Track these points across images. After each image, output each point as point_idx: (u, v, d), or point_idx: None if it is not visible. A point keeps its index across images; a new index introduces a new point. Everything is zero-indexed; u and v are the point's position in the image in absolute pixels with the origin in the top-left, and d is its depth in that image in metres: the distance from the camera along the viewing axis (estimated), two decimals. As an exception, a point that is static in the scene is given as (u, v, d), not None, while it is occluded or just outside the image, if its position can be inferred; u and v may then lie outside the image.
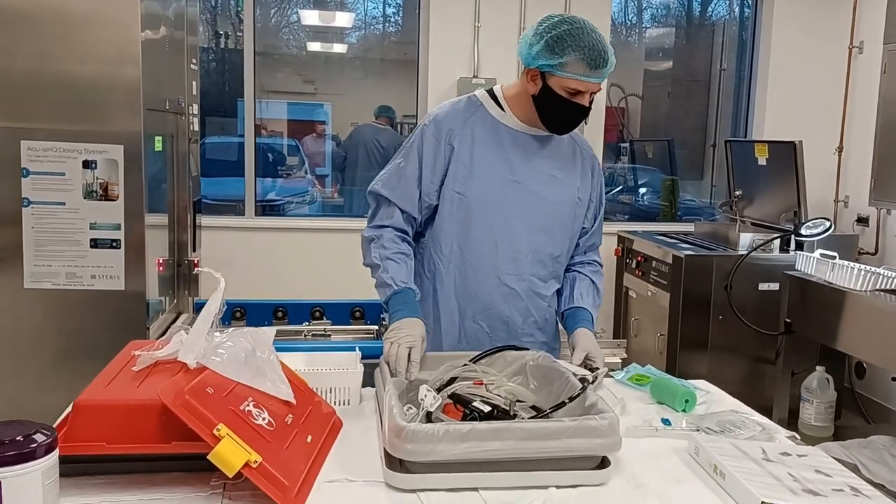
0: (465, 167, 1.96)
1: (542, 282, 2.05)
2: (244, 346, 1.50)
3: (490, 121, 2.00)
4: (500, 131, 1.99)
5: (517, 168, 1.98)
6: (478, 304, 2.00)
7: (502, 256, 1.98)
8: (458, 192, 1.96)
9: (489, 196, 1.96)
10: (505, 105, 2.01)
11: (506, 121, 2.00)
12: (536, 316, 2.06)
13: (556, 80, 1.86)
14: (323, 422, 1.57)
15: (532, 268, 2.01)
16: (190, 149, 3.09)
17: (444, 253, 2.00)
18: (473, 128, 1.98)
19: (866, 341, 3.20)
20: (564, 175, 2.04)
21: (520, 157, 1.99)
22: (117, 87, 2.43)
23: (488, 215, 1.96)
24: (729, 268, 3.87)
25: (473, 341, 2.01)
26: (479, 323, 2.02)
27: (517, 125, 2.00)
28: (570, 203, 2.05)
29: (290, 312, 3.10)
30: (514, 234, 1.98)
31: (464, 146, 1.96)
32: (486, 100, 2.03)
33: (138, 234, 2.47)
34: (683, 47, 6.39)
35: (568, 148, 2.07)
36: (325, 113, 6.88)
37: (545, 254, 2.03)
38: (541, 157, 2.01)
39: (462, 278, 2.00)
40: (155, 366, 1.46)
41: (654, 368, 2.08)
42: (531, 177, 1.99)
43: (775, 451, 1.53)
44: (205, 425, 1.26)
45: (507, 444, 1.37)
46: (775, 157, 4.20)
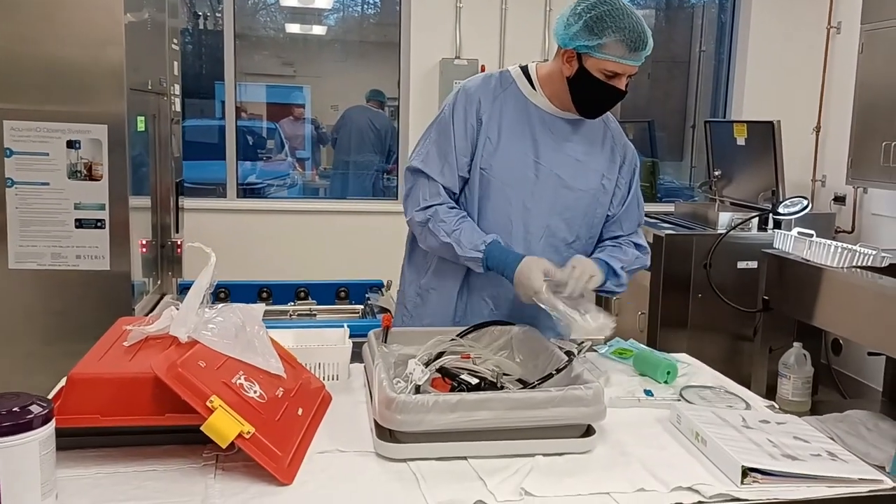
0: (491, 143, 1.94)
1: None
2: (234, 321, 1.52)
3: (521, 99, 1.97)
4: (530, 110, 1.97)
5: (542, 149, 1.96)
6: (485, 280, 1.98)
7: (515, 236, 1.96)
8: (481, 167, 1.94)
9: (510, 174, 1.94)
10: (537, 84, 1.98)
11: (536, 101, 1.97)
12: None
13: (594, 62, 1.82)
14: (313, 396, 1.59)
15: (544, 252, 1.96)
16: (172, 130, 3.09)
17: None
18: (503, 104, 1.95)
19: (843, 317, 3.25)
20: (591, 160, 2.00)
21: (547, 139, 1.96)
22: (101, 68, 2.42)
23: (506, 193, 1.95)
24: (708, 247, 3.92)
25: (477, 316, 1.98)
26: (484, 299, 2.02)
27: (547, 106, 1.97)
28: (592, 190, 2.00)
29: (274, 293, 3.13)
30: (530, 216, 1.96)
31: (492, 122, 1.94)
32: (518, 77, 2.00)
33: (123, 215, 2.47)
34: (663, 29, 6.40)
35: (598, 133, 2.03)
36: (303, 96, 6.84)
37: (559, 239, 2.00)
38: (568, 141, 1.98)
39: None
40: (146, 341, 1.47)
41: (636, 342, 2.12)
42: (555, 160, 1.96)
43: (755, 419, 1.58)
44: (198, 397, 1.28)
45: (495, 413, 1.40)
46: (754, 137, 4.25)
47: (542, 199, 1.97)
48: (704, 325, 4.02)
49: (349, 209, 4.89)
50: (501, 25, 4.68)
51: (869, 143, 3.86)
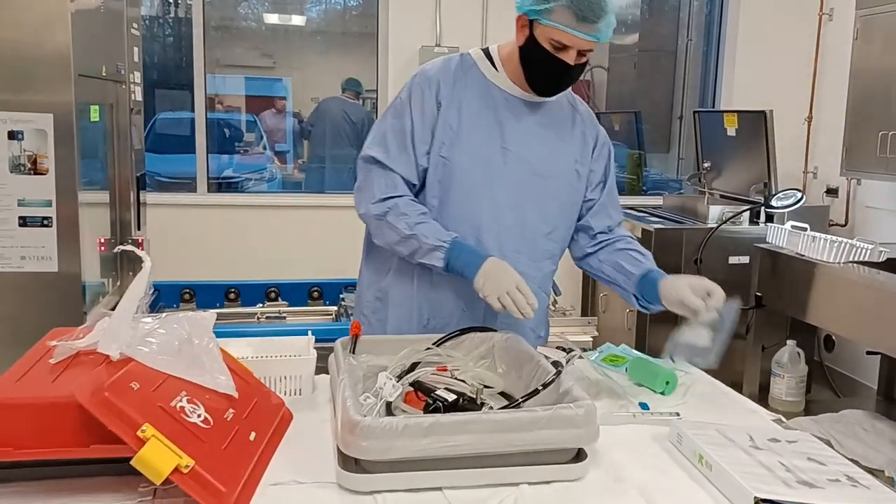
0: (451, 130, 1.78)
1: (530, 259, 1.85)
2: (178, 333, 1.34)
3: (483, 81, 1.82)
4: (493, 92, 1.82)
5: (509, 134, 1.81)
6: (454, 278, 1.80)
7: (484, 230, 1.80)
8: (442, 155, 1.78)
9: (475, 162, 1.79)
10: (499, 64, 1.83)
11: (498, 82, 1.82)
12: None
13: (542, 30, 1.68)
14: (270, 415, 1.42)
15: (517, 243, 1.83)
16: (132, 120, 2.89)
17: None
18: (465, 88, 1.80)
19: (839, 315, 3.12)
20: (561, 144, 1.86)
21: (513, 123, 1.81)
22: (46, 53, 2.21)
23: (471, 183, 1.79)
24: (698, 241, 3.78)
25: (447, 319, 1.83)
26: (453, 298, 1.84)
27: (511, 88, 1.82)
28: (565, 175, 1.87)
29: (242, 294, 2.95)
30: (499, 206, 1.81)
31: (452, 107, 1.78)
32: (480, 59, 1.85)
33: (71, 211, 2.27)
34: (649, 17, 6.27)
35: (567, 115, 1.89)
36: (284, 88, 6.67)
37: (533, 229, 1.85)
38: (536, 124, 1.84)
39: None
40: (76, 357, 1.29)
41: (629, 348, 1.96)
42: (524, 144, 1.81)
43: (763, 438, 1.42)
44: (127, 426, 1.10)
45: (474, 437, 1.24)
46: (745, 128, 4.11)
47: (512, 187, 1.81)
48: (695, 323, 3.87)
49: (325, 203, 4.69)
50: (483, 12, 4.50)
51: (864, 134, 3.72)
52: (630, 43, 6.51)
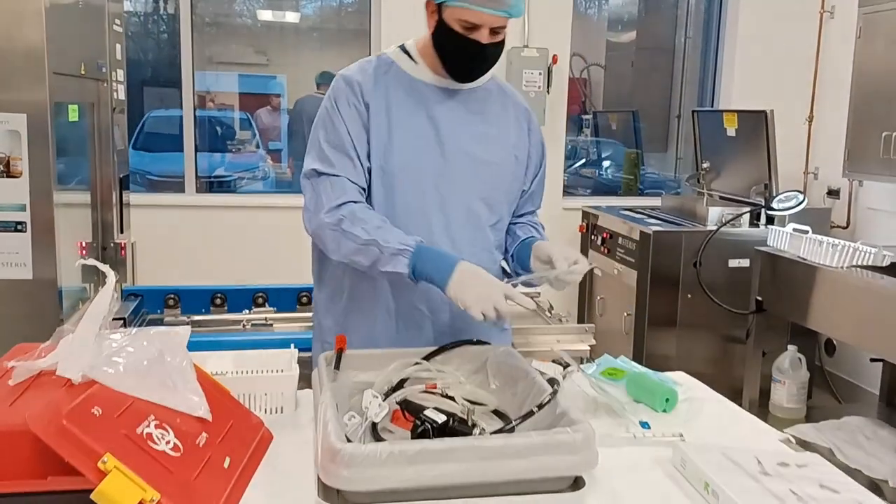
0: (382, 135, 1.70)
1: (484, 252, 1.79)
2: (149, 351, 1.25)
3: (405, 78, 1.75)
4: (419, 88, 1.74)
5: (443, 127, 1.74)
6: (415, 290, 1.72)
7: (435, 229, 1.73)
8: (379, 164, 1.70)
9: (413, 161, 1.71)
10: (417, 57, 1.76)
11: (421, 75, 1.75)
12: None
13: (451, 12, 1.62)
14: (247, 438, 1.33)
15: (470, 239, 1.76)
16: (115, 119, 2.79)
17: None
18: (388, 87, 1.73)
19: (842, 320, 3.05)
20: (497, 131, 1.81)
21: (445, 115, 1.74)
22: (18, 50, 2.12)
23: (414, 183, 1.71)
24: (698, 244, 3.70)
25: (414, 328, 1.75)
26: (418, 308, 1.76)
27: (434, 79, 1.75)
28: (505, 162, 1.81)
29: (229, 299, 2.86)
30: (447, 203, 1.74)
31: (379, 108, 1.71)
32: (397, 56, 1.78)
33: (47, 215, 2.17)
34: (647, 15, 6.18)
35: (499, 101, 1.83)
36: (278, 85, 6.57)
37: (482, 221, 1.79)
38: (469, 113, 1.77)
39: None
40: (38, 377, 1.20)
41: (628, 360, 1.86)
42: (461, 136, 1.75)
43: (772, 462, 1.33)
44: (86, 457, 1.01)
45: (464, 465, 1.15)
46: (745, 128, 4.03)
47: (456, 181, 1.74)
48: (694, 327, 3.81)
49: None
50: (478, 9, 4.41)
51: (867, 134, 3.65)
52: (627, 41, 6.42)
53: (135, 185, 5.26)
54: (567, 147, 4.99)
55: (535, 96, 4.40)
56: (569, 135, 5.07)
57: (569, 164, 5.46)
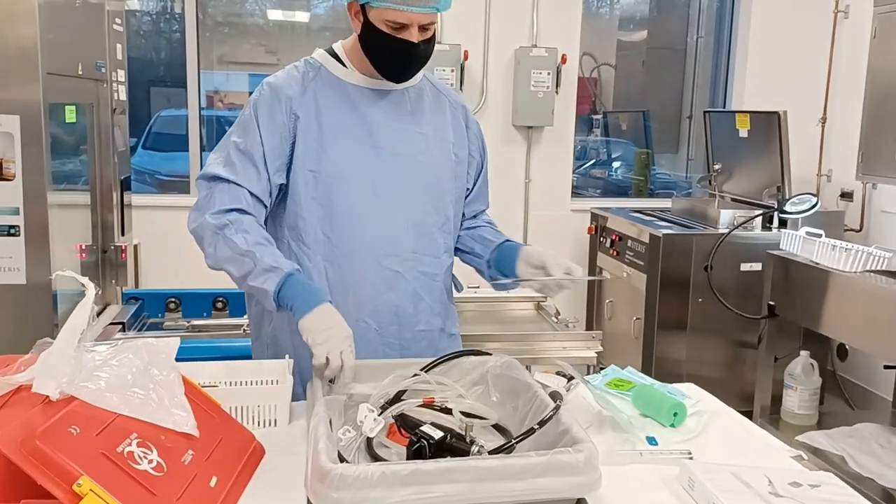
0: (314, 140, 1.65)
1: (430, 257, 1.75)
2: (134, 364, 1.21)
3: (335, 82, 1.70)
4: (349, 91, 1.70)
5: (377, 130, 1.69)
6: (360, 298, 1.69)
7: (377, 235, 1.68)
8: (310, 170, 1.65)
9: (349, 168, 1.66)
10: (346, 60, 1.72)
11: (352, 79, 1.71)
12: (428, 299, 1.76)
13: (376, 13, 1.58)
14: (237, 454, 1.28)
15: (415, 243, 1.72)
16: (115, 120, 2.75)
17: (308, 243, 1.68)
18: (317, 93, 1.68)
19: (855, 326, 2.99)
20: (434, 130, 1.76)
21: (379, 117, 1.70)
22: (10, 50, 2.07)
23: (352, 191, 1.67)
24: (709, 247, 3.64)
25: (361, 342, 1.64)
26: (364, 321, 1.70)
27: (364, 81, 1.71)
28: (445, 162, 1.77)
29: (231, 303, 2.81)
30: (387, 208, 1.69)
31: (309, 116, 1.66)
32: (325, 59, 1.73)
33: (40, 219, 2.13)
34: (658, 14, 6.10)
35: (433, 99, 1.79)
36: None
37: (428, 224, 1.74)
38: (403, 114, 1.73)
39: (335, 271, 1.68)
40: (17, 392, 1.16)
41: (635, 371, 1.81)
42: (396, 138, 1.71)
43: (783, 482, 1.27)
44: (61, 479, 0.97)
45: (460, 487, 1.10)
46: (757, 129, 3.96)
47: (396, 184, 1.70)
48: (705, 332, 3.74)
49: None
50: (486, 8, 4.36)
51: (881, 136, 3.57)
52: (638, 40, 6.35)
53: (144, 185, 5.26)
54: (576, 147, 4.93)
55: (544, 96, 4.34)
56: (578, 135, 5.01)
57: (578, 165, 5.40)
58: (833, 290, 3.02)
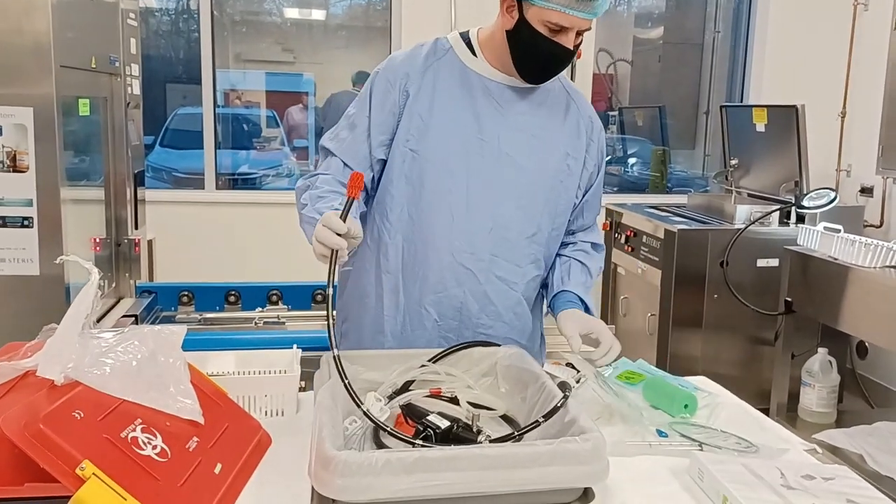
0: (421, 119, 1.62)
1: (510, 264, 1.69)
2: (140, 350, 1.20)
3: (458, 66, 1.66)
4: (471, 79, 1.65)
5: (487, 124, 1.64)
6: (426, 285, 1.66)
7: (457, 229, 1.64)
8: (411, 148, 1.62)
9: (447, 155, 1.63)
10: (478, 49, 1.67)
11: (477, 67, 1.66)
12: (498, 305, 1.70)
13: (536, 12, 1.51)
14: (242, 442, 1.28)
15: (494, 246, 1.66)
16: (129, 114, 2.76)
17: (391, 220, 1.66)
18: (437, 74, 1.64)
19: (875, 323, 2.94)
20: (549, 135, 1.69)
21: (492, 111, 1.65)
22: (24, 43, 2.07)
23: (445, 178, 1.63)
24: (725, 243, 3.59)
25: (419, 329, 1.68)
26: (426, 308, 1.68)
27: (491, 73, 1.66)
28: (553, 171, 1.69)
29: (243, 296, 2.82)
30: (474, 204, 1.64)
31: (423, 95, 1.63)
32: (456, 42, 1.69)
33: (54, 211, 2.13)
34: (675, 9, 6.06)
35: (559, 103, 1.72)
36: (305, 83, 6.56)
37: (514, 231, 1.68)
38: (520, 113, 1.67)
39: (410, 252, 1.66)
40: (24, 378, 1.16)
41: (646, 363, 1.79)
42: (504, 135, 1.65)
43: (796, 475, 1.25)
44: (64, 463, 0.97)
45: (466, 475, 1.09)
46: (775, 123, 3.91)
47: (489, 182, 1.64)
48: (721, 328, 3.69)
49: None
50: (500, 3, 4.34)
51: (903, 130, 3.52)
52: (655, 36, 6.31)
53: (160, 181, 5.29)
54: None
55: (559, 91, 4.31)
56: (594, 131, 4.98)
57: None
58: (852, 287, 2.98)
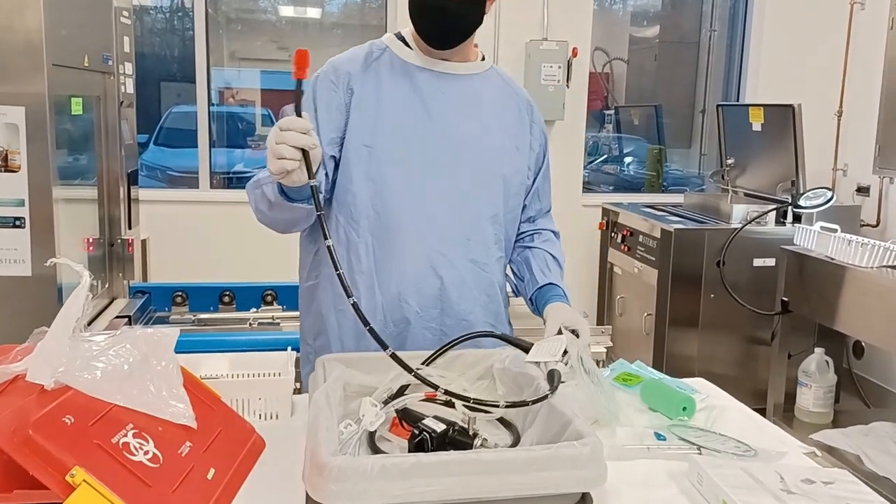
0: (370, 116, 1.64)
1: (480, 245, 1.71)
2: (132, 354, 1.18)
3: (398, 62, 1.70)
4: (412, 71, 1.69)
5: (436, 112, 1.67)
6: (403, 278, 1.66)
7: (426, 217, 1.66)
8: (365, 144, 1.64)
9: (402, 145, 1.65)
10: (412, 43, 1.71)
11: (416, 60, 1.69)
12: (475, 289, 1.72)
13: None
14: (236, 447, 1.26)
15: (465, 229, 1.69)
16: (122, 113, 2.74)
17: (357, 219, 1.66)
18: (378, 72, 1.68)
19: (871, 323, 2.94)
20: (494, 118, 1.74)
21: (439, 99, 1.68)
22: (16, 41, 2.05)
23: (404, 168, 1.65)
24: (721, 242, 3.59)
25: (402, 324, 1.67)
26: (405, 301, 1.67)
27: (429, 63, 1.70)
28: (503, 150, 1.74)
29: (238, 296, 2.80)
30: (441, 190, 1.66)
31: (367, 92, 1.65)
32: (391, 41, 1.73)
33: (46, 211, 2.11)
34: (671, 8, 6.05)
35: (499, 91, 1.78)
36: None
37: (480, 212, 1.71)
38: (465, 98, 1.71)
39: (382, 248, 1.66)
40: (13, 382, 1.14)
41: (644, 365, 1.78)
42: (454, 122, 1.68)
43: (796, 479, 1.24)
44: (54, 469, 0.95)
45: (462, 480, 1.07)
46: (771, 123, 3.91)
47: (447, 167, 1.67)
48: (717, 328, 3.70)
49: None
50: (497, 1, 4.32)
51: (899, 129, 3.52)
52: (650, 34, 6.30)
53: (155, 180, 5.26)
54: (588, 143, 4.89)
55: (555, 90, 4.30)
56: (590, 130, 4.97)
57: (590, 160, 5.36)
58: (849, 286, 2.98)
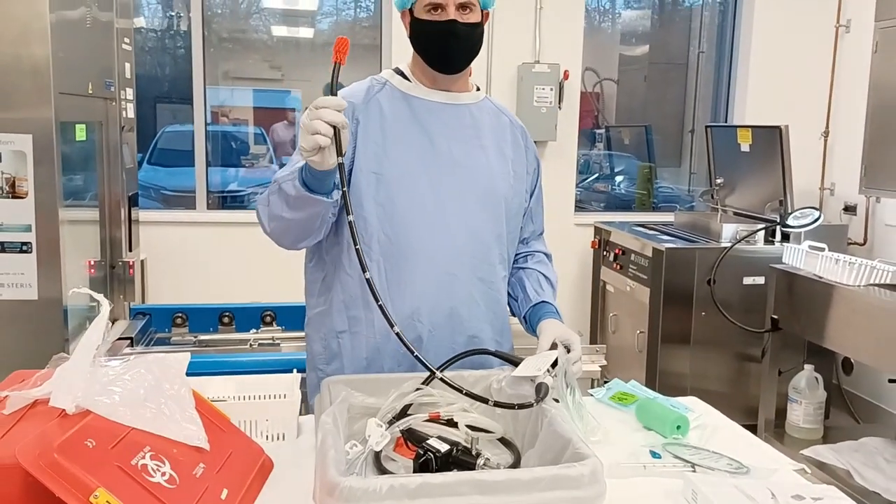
0: (376, 144, 1.71)
1: (487, 265, 1.79)
2: (146, 379, 1.23)
3: (398, 94, 1.77)
4: (413, 103, 1.76)
5: (439, 139, 1.75)
6: (415, 299, 1.71)
7: (435, 237, 1.72)
8: (373, 171, 1.70)
9: (410, 171, 1.72)
10: (410, 75, 1.79)
11: (416, 91, 1.77)
12: (483, 306, 1.78)
13: (418, 6, 1.68)
14: (246, 467, 1.30)
15: (473, 248, 1.76)
16: (123, 138, 2.78)
17: (368, 242, 1.71)
18: (380, 103, 1.75)
19: (859, 340, 2.99)
20: (493, 145, 1.81)
21: (440, 128, 1.76)
22: (23, 69, 2.10)
23: (414, 193, 1.71)
24: (712, 261, 3.66)
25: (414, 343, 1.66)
26: (418, 321, 1.72)
27: (429, 94, 1.77)
28: (504, 174, 1.81)
29: (237, 317, 2.83)
30: (448, 212, 1.73)
31: (372, 121, 1.72)
32: (391, 76, 1.81)
33: (52, 236, 2.16)
34: (660, 29, 6.14)
35: (494, 118, 1.86)
36: (292, 100, 6.59)
37: (486, 232, 1.78)
38: (464, 126, 1.79)
39: (393, 270, 1.71)
40: (33, 406, 1.18)
41: (639, 385, 1.83)
42: (456, 148, 1.76)
43: (786, 495, 1.29)
44: (78, 491, 0.99)
45: (467, 500, 1.11)
46: (759, 143, 3.99)
47: (453, 190, 1.74)
48: (708, 345, 3.75)
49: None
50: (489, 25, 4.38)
51: (884, 149, 3.58)
52: (640, 55, 6.39)
53: (149, 199, 5.29)
54: (580, 161, 4.96)
55: (547, 112, 4.38)
56: (581, 149, 5.04)
57: (581, 179, 5.43)
58: (837, 304, 3.03)
